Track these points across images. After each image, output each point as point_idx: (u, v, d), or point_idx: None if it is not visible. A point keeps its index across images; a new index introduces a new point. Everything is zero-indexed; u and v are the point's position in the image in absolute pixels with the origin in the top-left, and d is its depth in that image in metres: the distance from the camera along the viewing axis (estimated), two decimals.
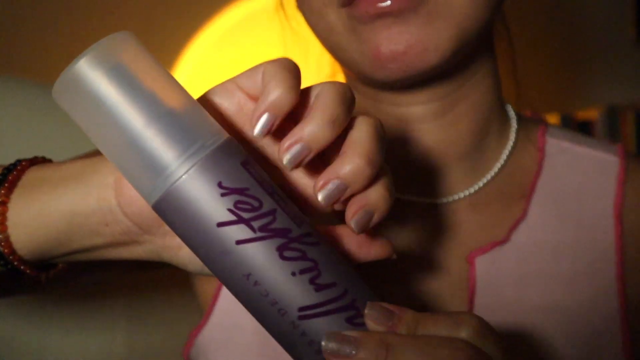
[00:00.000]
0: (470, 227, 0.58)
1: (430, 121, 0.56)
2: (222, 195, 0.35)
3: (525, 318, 0.55)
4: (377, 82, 0.53)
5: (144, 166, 0.35)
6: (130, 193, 0.38)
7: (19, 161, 0.43)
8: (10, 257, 0.42)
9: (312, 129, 0.36)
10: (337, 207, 0.39)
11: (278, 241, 0.35)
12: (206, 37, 1.34)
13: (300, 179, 0.40)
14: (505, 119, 0.61)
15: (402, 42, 0.49)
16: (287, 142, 0.36)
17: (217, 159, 0.35)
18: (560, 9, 1.71)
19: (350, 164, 0.36)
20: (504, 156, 0.59)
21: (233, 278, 0.36)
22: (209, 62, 1.41)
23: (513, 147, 0.60)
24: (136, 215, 0.39)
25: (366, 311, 0.36)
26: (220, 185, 0.35)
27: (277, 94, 0.35)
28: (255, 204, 0.35)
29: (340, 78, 0.63)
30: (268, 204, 0.35)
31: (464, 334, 0.35)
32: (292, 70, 0.37)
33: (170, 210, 0.35)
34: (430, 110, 0.56)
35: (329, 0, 0.51)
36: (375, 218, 0.37)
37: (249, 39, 1.28)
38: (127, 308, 0.78)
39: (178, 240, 0.40)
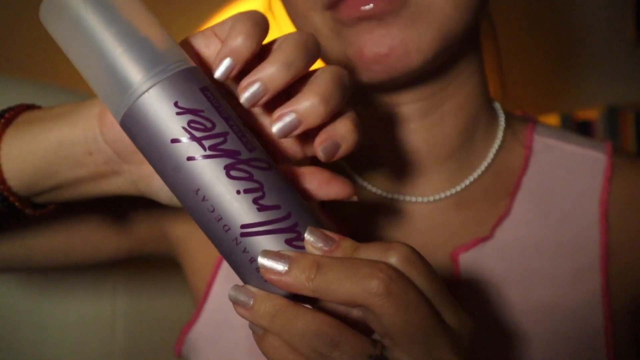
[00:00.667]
0: (455, 225, 0.58)
1: (417, 120, 0.57)
2: (178, 114, 0.37)
3: (508, 315, 0.55)
4: (362, 84, 0.53)
5: (113, 84, 0.38)
6: (112, 120, 0.42)
7: (17, 105, 0.47)
8: (1, 187, 0.45)
9: (268, 70, 0.39)
10: (288, 144, 0.42)
11: (226, 161, 0.37)
12: None
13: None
14: (493, 117, 0.61)
15: (384, 45, 0.50)
16: (245, 81, 0.39)
17: (177, 81, 0.38)
18: (560, 9, 1.71)
19: (306, 100, 0.39)
20: (490, 154, 0.60)
21: (185, 193, 0.38)
22: None
23: (500, 146, 0.60)
24: (116, 142, 0.42)
25: (306, 234, 0.38)
26: (176, 104, 0.37)
27: (238, 41, 0.39)
28: (208, 125, 0.38)
29: None
30: (221, 126, 0.38)
31: (392, 259, 0.37)
32: (258, 21, 0.40)
33: (133, 126, 0.38)
34: (416, 110, 0.57)
35: (314, 4, 0.52)
36: (342, 150, 0.40)
37: None
38: (128, 275, 0.79)
39: (151, 169, 0.42)
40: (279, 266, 0.37)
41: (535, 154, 0.60)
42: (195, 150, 0.37)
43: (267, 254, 0.37)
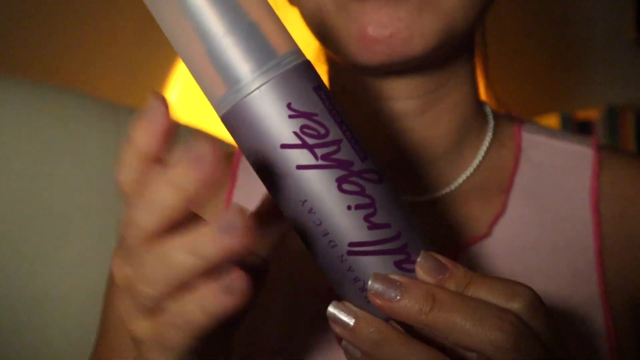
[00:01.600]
0: (451, 224, 0.58)
1: (411, 119, 0.57)
2: (290, 117, 0.34)
3: None
4: (360, 65, 0.53)
5: (218, 75, 0.34)
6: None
7: None
8: None
9: None
10: None
11: (339, 172, 0.35)
12: None
13: None
14: (483, 117, 0.62)
15: (389, 26, 0.50)
16: None
17: (291, 79, 0.34)
18: (560, 9, 1.71)
19: None
20: (482, 152, 0.60)
21: (289, 201, 0.36)
22: None
23: (490, 144, 0.61)
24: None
25: (419, 259, 0.36)
26: (289, 106, 0.34)
27: None
28: (322, 131, 0.35)
29: (322, 70, 0.63)
30: (334, 133, 0.35)
31: (516, 305, 0.35)
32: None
33: (237, 123, 0.35)
34: (411, 107, 0.57)
35: None
36: None
37: None
38: None
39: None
40: (391, 293, 0.34)
41: (525, 152, 0.61)
42: (306, 158, 0.34)
43: (379, 278, 0.35)
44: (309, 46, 0.66)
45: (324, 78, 0.63)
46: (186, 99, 1.45)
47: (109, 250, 0.68)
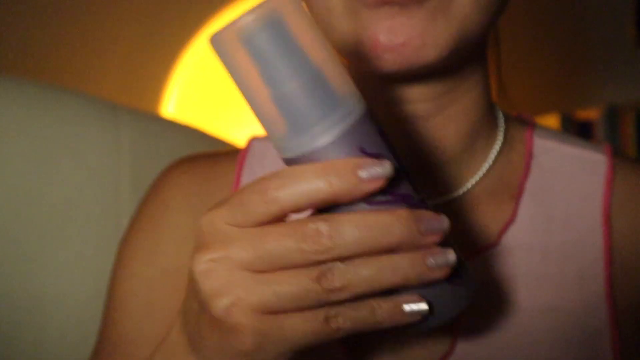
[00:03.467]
0: (460, 229, 0.57)
1: (419, 122, 0.56)
2: None
3: (517, 321, 0.55)
4: (370, 71, 0.53)
5: (289, 122, 0.36)
6: None
7: None
8: None
9: None
10: None
11: (402, 206, 0.37)
12: (205, 38, 1.34)
13: None
14: (494, 120, 0.61)
15: (402, 34, 0.49)
16: None
17: (361, 125, 0.37)
18: (561, 9, 1.71)
19: None
20: (492, 156, 0.59)
21: None
22: (208, 62, 1.41)
23: (501, 148, 0.60)
24: None
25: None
26: (362, 150, 0.37)
27: None
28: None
29: None
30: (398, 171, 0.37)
31: None
32: None
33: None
34: (420, 111, 0.56)
35: None
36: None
37: None
38: None
39: None
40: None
41: (536, 157, 0.60)
42: (378, 196, 0.37)
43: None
44: None
45: None
46: (186, 99, 1.45)
47: (109, 250, 0.67)
